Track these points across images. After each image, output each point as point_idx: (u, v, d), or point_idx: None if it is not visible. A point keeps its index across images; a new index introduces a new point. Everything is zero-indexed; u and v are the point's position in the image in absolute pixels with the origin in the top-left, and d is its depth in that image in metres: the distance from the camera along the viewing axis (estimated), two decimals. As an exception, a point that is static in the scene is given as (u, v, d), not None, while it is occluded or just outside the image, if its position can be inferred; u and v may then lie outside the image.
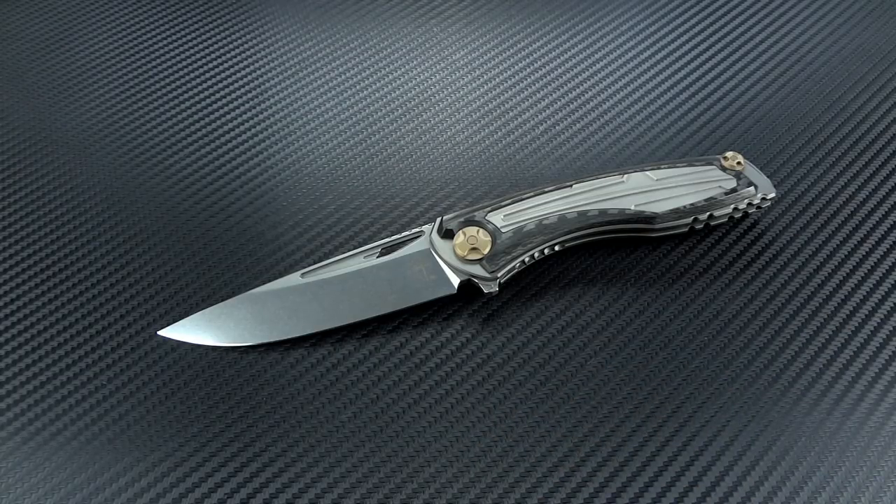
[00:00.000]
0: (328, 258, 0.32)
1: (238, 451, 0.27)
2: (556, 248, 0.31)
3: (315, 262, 0.32)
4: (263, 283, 0.31)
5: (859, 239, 0.33)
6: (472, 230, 0.30)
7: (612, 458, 0.27)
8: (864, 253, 0.33)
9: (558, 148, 0.36)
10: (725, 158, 0.32)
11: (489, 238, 0.30)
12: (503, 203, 0.31)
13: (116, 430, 0.28)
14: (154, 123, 0.37)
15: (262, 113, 0.38)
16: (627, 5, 0.43)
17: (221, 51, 0.41)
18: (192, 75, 0.39)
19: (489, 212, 0.31)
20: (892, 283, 0.32)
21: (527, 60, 0.40)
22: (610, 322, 0.30)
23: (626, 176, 0.31)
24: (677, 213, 0.31)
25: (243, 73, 0.40)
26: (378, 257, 0.31)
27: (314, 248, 0.33)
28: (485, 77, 0.40)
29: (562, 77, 0.40)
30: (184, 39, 0.41)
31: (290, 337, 0.30)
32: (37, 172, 0.35)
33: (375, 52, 0.41)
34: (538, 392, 0.29)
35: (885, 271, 0.32)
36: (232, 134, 0.37)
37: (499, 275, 0.30)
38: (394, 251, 0.31)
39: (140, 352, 0.30)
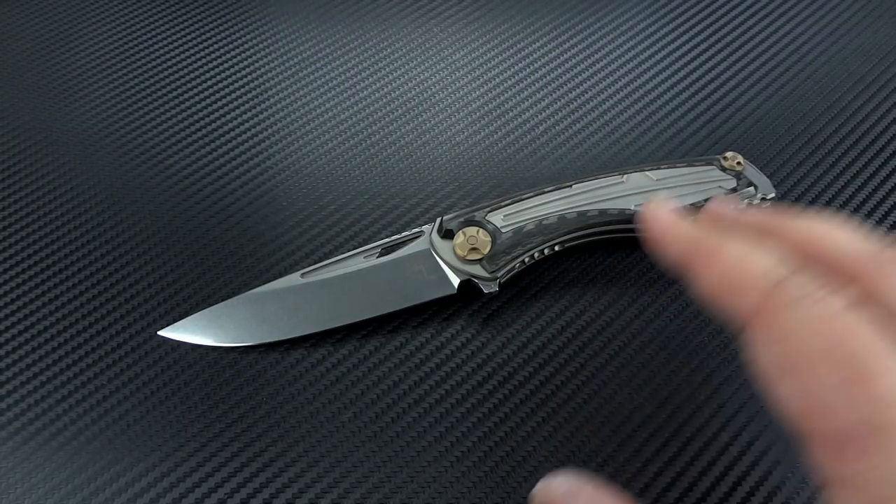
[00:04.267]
0: (328, 258, 0.32)
1: (238, 452, 0.27)
2: (556, 248, 0.31)
3: (315, 262, 0.32)
4: (263, 283, 0.31)
5: (859, 239, 0.33)
6: (472, 230, 0.30)
7: (612, 457, 0.27)
8: (864, 253, 0.32)
9: (558, 148, 0.36)
10: (725, 158, 0.32)
11: (489, 238, 0.30)
12: (503, 203, 0.31)
13: (116, 430, 0.28)
14: (154, 123, 0.37)
15: (262, 113, 0.38)
16: (627, 5, 0.43)
17: (221, 51, 0.41)
18: (192, 75, 0.39)
19: (489, 212, 0.31)
20: (892, 283, 0.32)
21: (527, 60, 0.40)
22: (610, 322, 0.30)
23: (625, 176, 0.31)
24: (677, 213, 0.31)
25: (243, 73, 0.40)
26: (378, 257, 0.31)
27: (314, 248, 0.33)
28: (485, 77, 0.40)
29: (562, 77, 0.40)
30: (184, 39, 0.41)
31: (290, 337, 0.30)
32: (37, 172, 0.35)
33: (375, 52, 0.41)
34: (539, 393, 0.29)
35: (885, 271, 0.32)
36: (232, 134, 0.37)
37: (499, 275, 0.30)
38: (394, 251, 0.31)
39: (140, 352, 0.30)
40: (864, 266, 0.18)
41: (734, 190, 0.31)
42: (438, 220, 0.31)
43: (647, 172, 0.31)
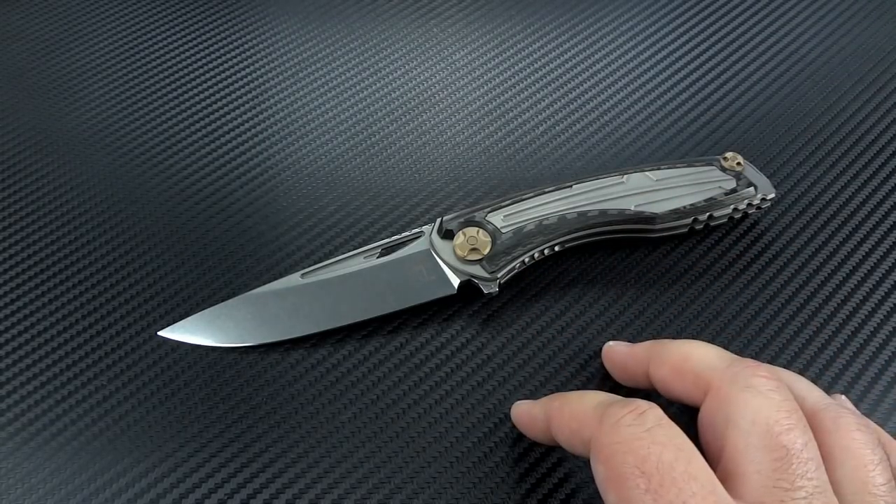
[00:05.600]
0: (328, 258, 0.32)
1: (238, 452, 0.27)
2: (556, 248, 0.31)
3: (315, 263, 0.32)
4: (263, 284, 0.31)
5: (859, 239, 0.33)
6: (472, 230, 0.30)
7: (612, 458, 0.27)
8: (865, 253, 0.33)
9: (558, 148, 0.36)
10: (725, 159, 0.32)
11: (489, 238, 0.30)
12: (503, 203, 0.31)
13: (117, 430, 0.28)
14: (154, 123, 0.37)
15: (262, 113, 0.38)
16: (627, 5, 0.43)
17: (221, 51, 0.41)
18: (192, 75, 0.39)
19: (489, 212, 0.31)
20: (893, 283, 0.32)
21: (527, 60, 0.40)
22: (610, 323, 0.30)
23: (625, 176, 0.31)
24: (677, 213, 0.31)
25: (243, 73, 0.40)
26: (378, 258, 0.31)
27: (314, 248, 0.33)
28: (485, 77, 0.40)
29: (562, 77, 0.40)
30: (184, 39, 0.41)
31: (290, 337, 0.30)
32: (37, 173, 0.35)
33: (375, 52, 0.41)
34: (539, 393, 0.29)
35: (885, 271, 0.32)
36: (232, 134, 0.37)
37: (499, 275, 0.30)
38: (394, 251, 0.31)
39: (140, 352, 0.30)
40: (719, 377, 0.22)
41: (734, 190, 0.31)
42: (438, 220, 0.31)
43: (647, 172, 0.31)
